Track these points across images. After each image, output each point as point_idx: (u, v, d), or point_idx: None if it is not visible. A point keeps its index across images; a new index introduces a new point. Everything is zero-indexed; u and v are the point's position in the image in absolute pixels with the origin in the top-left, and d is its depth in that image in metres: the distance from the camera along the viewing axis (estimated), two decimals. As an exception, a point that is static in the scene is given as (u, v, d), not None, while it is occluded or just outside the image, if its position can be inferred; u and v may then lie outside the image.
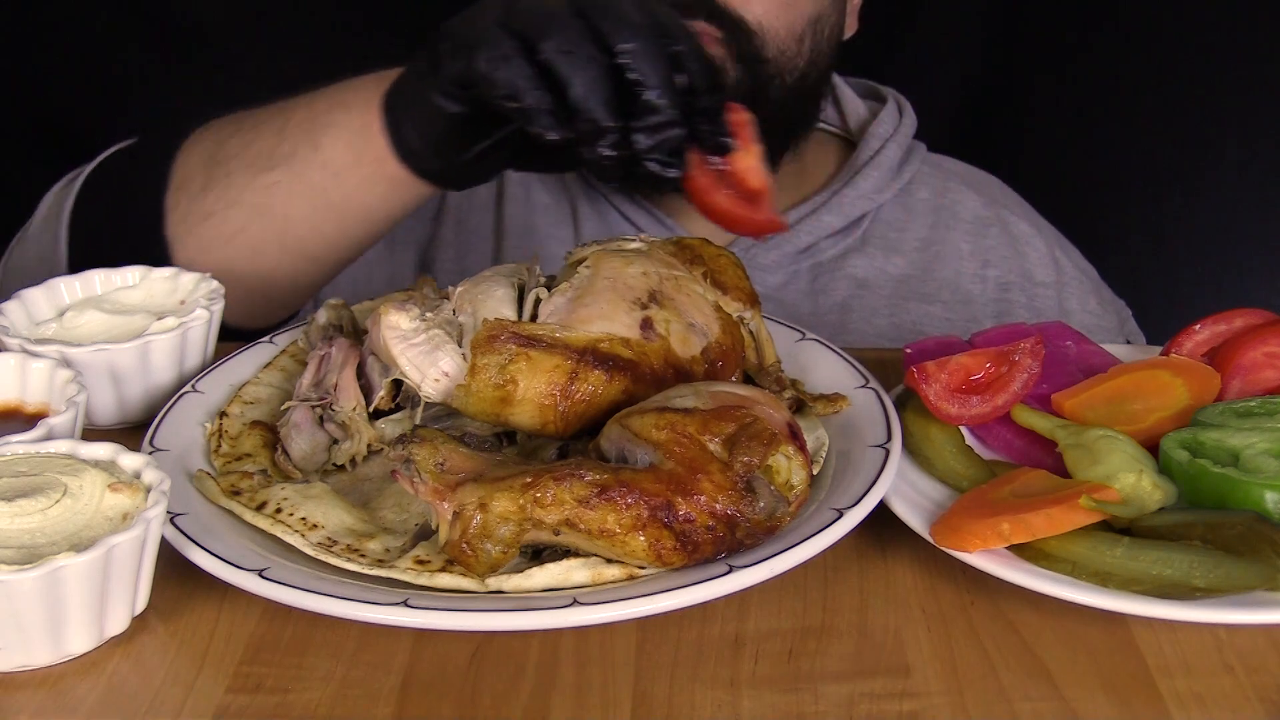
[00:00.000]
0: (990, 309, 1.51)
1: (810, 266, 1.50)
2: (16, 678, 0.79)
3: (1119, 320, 1.59)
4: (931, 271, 1.52)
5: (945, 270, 1.52)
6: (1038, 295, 1.52)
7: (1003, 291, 1.52)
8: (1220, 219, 1.99)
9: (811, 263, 1.50)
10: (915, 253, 1.53)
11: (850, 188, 1.51)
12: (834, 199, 1.50)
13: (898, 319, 1.49)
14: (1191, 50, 1.94)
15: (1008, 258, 1.54)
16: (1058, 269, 1.55)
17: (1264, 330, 1.02)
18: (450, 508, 0.82)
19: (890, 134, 1.54)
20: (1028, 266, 1.54)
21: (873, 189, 1.51)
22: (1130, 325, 1.61)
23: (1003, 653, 0.81)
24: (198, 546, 0.84)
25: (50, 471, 0.84)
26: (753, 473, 0.83)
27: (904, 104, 1.59)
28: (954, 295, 1.51)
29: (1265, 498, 0.85)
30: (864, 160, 1.53)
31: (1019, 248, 1.55)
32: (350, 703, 0.77)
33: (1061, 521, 0.84)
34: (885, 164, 1.52)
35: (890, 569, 0.89)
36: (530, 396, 0.92)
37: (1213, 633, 0.82)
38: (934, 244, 1.54)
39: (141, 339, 1.04)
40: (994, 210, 1.58)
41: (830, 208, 1.50)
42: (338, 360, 1.01)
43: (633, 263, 0.99)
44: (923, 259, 1.53)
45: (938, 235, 1.55)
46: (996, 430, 1.00)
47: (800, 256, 1.49)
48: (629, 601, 0.79)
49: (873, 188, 1.51)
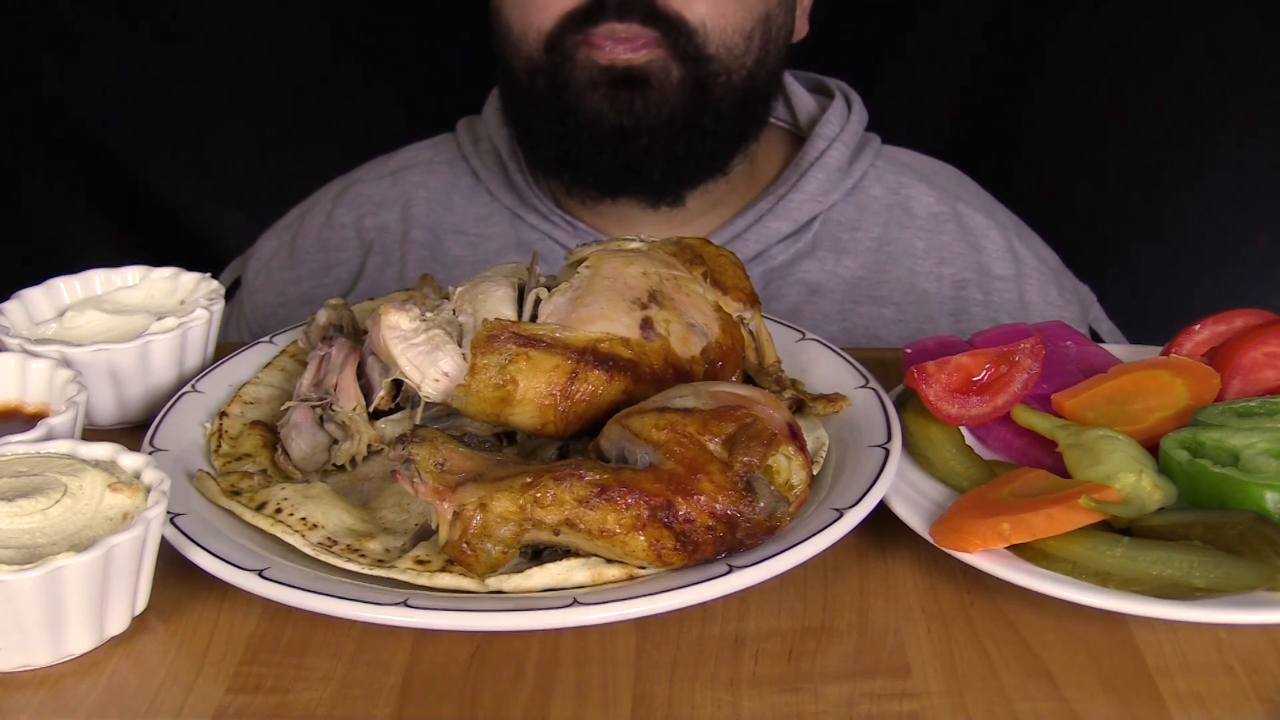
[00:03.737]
0: (946, 307, 1.49)
1: (762, 273, 1.48)
2: (16, 678, 0.79)
3: (1081, 309, 1.57)
4: (885, 272, 1.50)
5: (899, 270, 1.50)
6: (995, 289, 1.50)
7: (959, 289, 1.50)
8: (1220, 219, 1.99)
9: (763, 269, 1.48)
10: (868, 253, 1.51)
11: (796, 191, 1.49)
12: (781, 204, 1.48)
13: (849, 323, 1.47)
14: (1192, 50, 1.94)
15: (963, 254, 1.52)
16: (1016, 260, 1.53)
17: (1264, 330, 1.01)
18: (450, 508, 0.82)
19: (836, 133, 1.52)
20: (985, 261, 1.52)
21: (820, 190, 1.49)
22: (1095, 311, 1.59)
23: (1003, 653, 0.81)
24: (198, 546, 0.84)
25: (50, 471, 0.84)
26: (753, 473, 0.83)
27: (853, 98, 1.57)
28: (908, 296, 1.49)
29: (1265, 498, 0.85)
30: (810, 161, 1.50)
31: (975, 242, 1.53)
32: (350, 703, 0.77)
33: (1061, 521, 0.84)
34: (832, 164, 1.50)
35: (890, 569, 0.89)
36: (530, 396, 0.92)
37: (1213, 633, 0.82)
38: (888, 244, 1.51)
39: (141, 339, 1.04)
40: (949, 204, 1.55)
41: (777, 213, 1.48)
42: (338, 360, 1.01)
43: (633, 262, 0.99)
44: (876, 259, 1.50)
45: (891, 234, 1.52)
46: (996, 430, 1.00)
47: (751, 264, 1.47)
48: (629, 601, 0.79)
49: (819, 189, 1.49)
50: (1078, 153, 2.03)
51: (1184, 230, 2.00)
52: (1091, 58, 1.99)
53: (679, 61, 1.38)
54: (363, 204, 1.59)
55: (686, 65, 1.38)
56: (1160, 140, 1.98)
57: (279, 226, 1.65)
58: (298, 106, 2.11)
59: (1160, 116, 1.97)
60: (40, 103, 2.10)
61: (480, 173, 1.56)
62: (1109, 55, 1.98)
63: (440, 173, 1.59)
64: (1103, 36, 1.98)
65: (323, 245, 1.59)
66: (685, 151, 1.42)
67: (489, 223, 1.54)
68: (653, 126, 1.39)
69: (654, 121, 1.39)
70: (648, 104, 1.38)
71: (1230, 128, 1.95)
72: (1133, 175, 2.01)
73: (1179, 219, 2.00)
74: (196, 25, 2.08)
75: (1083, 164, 2.03)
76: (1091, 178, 2.03)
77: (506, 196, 1.53)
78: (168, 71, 2.08)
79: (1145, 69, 1.96)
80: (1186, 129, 1.96)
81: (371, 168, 1.65)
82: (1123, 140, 1.99)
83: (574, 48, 1.38)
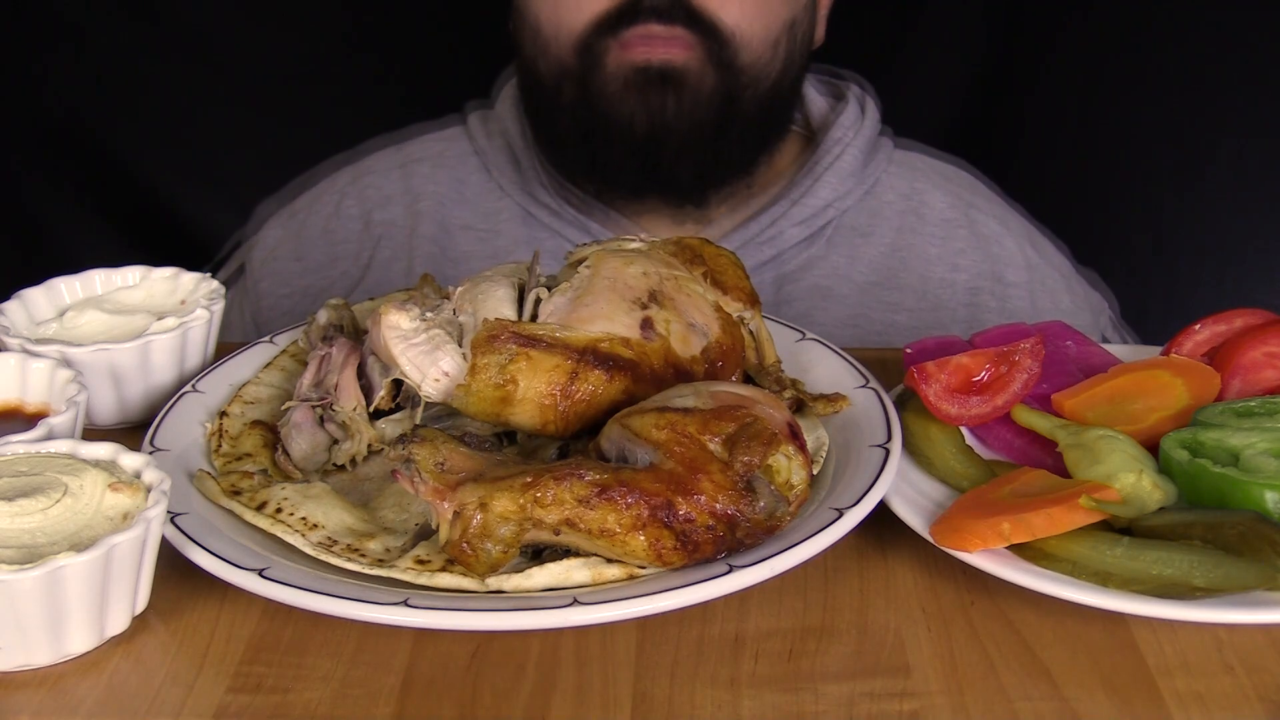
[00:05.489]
0: (961, 313, 1.48)
1: (775, 277, 1.48)
2: (16, 678, 0.79)
3: (1093, 316, 1.56)
4: (898, 277, 1.49)
5: (911, 276, 1.50)
6: (1009, 296, 1.50)
7: (973, 295, 1.49)
8: (1220, 219, 1.99)
9: (776, 273, 1.48)
10: (881, 258, 1.50)
11: (811, 195, 1.48)
12: (795, 208, 1.48)
13: (862, 328, 1.46)
14: (1192, 50, 1.94)
15: (977, 260, 1.51)
16: (1029, 267, 1.53)
17: (1264, 330, 1.01)
18: (450, 507, 0.82)
19: (850, 136, 1.52)
20: (998, 268, 1.51)
21: (833, 195, 1.49)
22: (1104, 319, 1.58)
23: (1003, 653, 0.81)
24: (198, 546, 0.84)
25: (50, 471, 0.84)
26: (753, 472, 0.83)
27: (866, 99, 1.56)
28: (921, 301, 1.49)
29: (1265, 498, 0.85)
30: (825, 165, 1.50)
31: (988, 249, 1.52)
32: (350, 703, 0.77)
33: (1061, 521, 0.84)
34: (845, 168, 1.50)
35: (890, 569, 0.89)
36: (530, 396, 0.92)
37: (1213, 633, 0.82)
38: (900, 249, 1.51)
39: (142, 339, 1.04)
40: (961, 210, 1.54)
41: (792, 217, 1.48)
42: (338, 360, 1.01)
43: (633, 262, 0.99)
44: (889, 264, 1.50)
45: (904, 240, 1.51)
46: (996, 430, 1.00)
47: (764, 267, 1.47)
48: (629, 601, 0.79)
49: (833, 194, 1.49)
50: (1077, 153, 2.03)
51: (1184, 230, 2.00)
52: (1091, 58, 1.99)
53: (714, 68, 1.38)
54: (372, 196, 1.59)
55: (720, 74, 1.38)
56: (1160, 139, 1.98)
57: (282, 214, 1.64)
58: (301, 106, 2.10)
59: (1160, 116, 1.97)
60: (41, 103, 2.10)
61: (492, 169, 1.55)
62: (1109, 56, 1.98)
63: (451, 167, 1.58)
64: (1103, 37, 1.98)
65: (330, 238, 1.58)
66: (713, 157, 1.43)
67: (499, 218, 1.53)
68: (684, 130, 1.39)
69: (685, 125, 1.39)
70: (681, 105, 1.38)
71: (1231, 127, 1.95)
72: (1133, 174, 2.01)
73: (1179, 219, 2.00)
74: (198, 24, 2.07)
75: (1082, 164, 2.03)
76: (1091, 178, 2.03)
77: (518, 193, 1.53)
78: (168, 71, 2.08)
79: (1148, 68, 1.96)
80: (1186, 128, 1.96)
81: (381, 156, 1.63)
82: (1123, 140, 1.99)
83: (604, 50, 1.37)
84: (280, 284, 1.58)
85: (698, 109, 1.39)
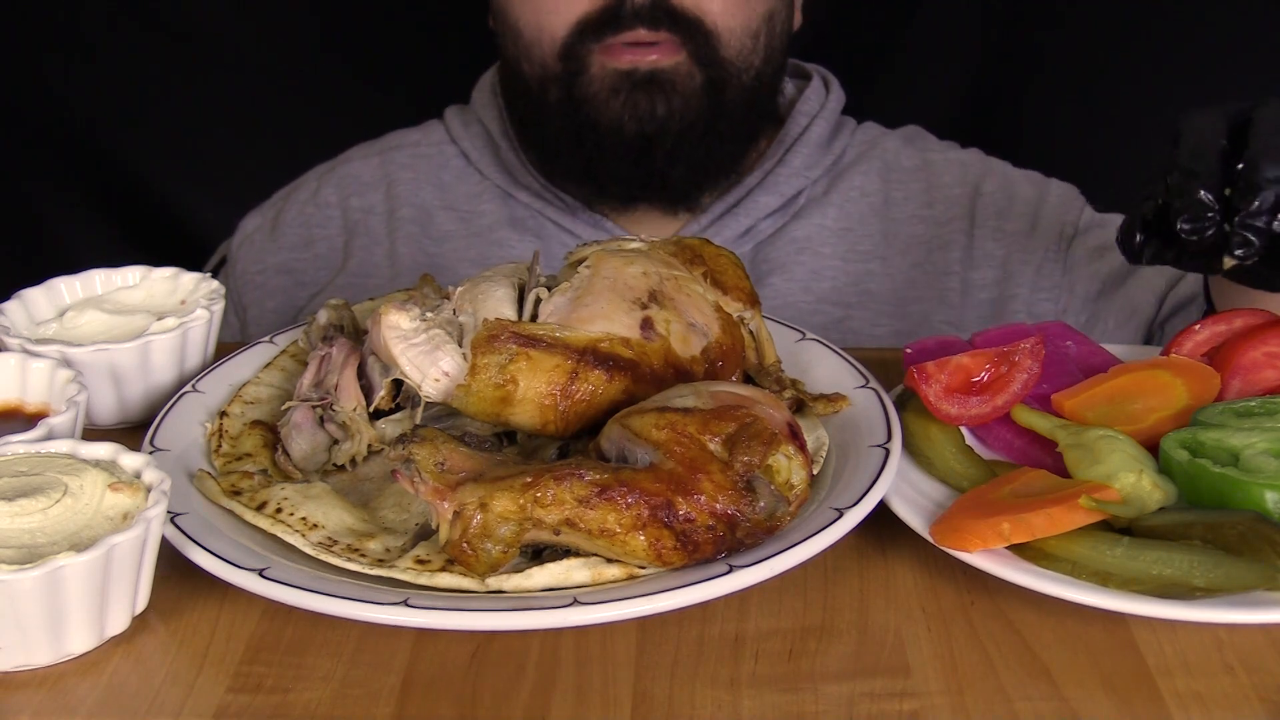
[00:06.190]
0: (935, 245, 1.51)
1: (752, 247, 1.51)
2: (16, 678, 0.79)
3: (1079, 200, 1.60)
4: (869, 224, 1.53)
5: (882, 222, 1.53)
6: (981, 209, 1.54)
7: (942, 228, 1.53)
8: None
9: (753, 244, 1.51)
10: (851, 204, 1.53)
11: (782, 165, 1.52)
12: (767, 179, 1.51)
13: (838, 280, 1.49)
14: (1192, 49, 1.94)
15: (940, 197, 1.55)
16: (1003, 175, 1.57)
17: (1264, 330, 1.02)
18: (450, 507, 0.82)
19: (817, 110, 1.55)
20: (967, 191, 1.55)
21: (804, 165, 1.52)
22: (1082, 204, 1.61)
23: (1003, 653, 0.81)
24: (198, 546, 0.84)
25: (50, 471, 0.84)
26: (753, 472, 0.83)
27: (830, 81, 1.60)
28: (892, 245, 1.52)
29: (1265, 498, 0.85)
30: (793, 137, 1.53)
31: (949, 175, 1.57)
32: (350, 703, 0.77)
33: (1061, 521, 0.84)
34: (814, 140, 1.53)
35: (890, 569, 0.89)
36: (530, 396, 0.92)
37: (1213, 633, 0.82)
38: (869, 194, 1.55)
39: (142, 339, 1.04)
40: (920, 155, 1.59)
41: (764, 187, 1.51)
42: (338, 360, 1.01)
43: (633, 262, 0.99)
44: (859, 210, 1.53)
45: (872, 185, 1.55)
46: (996, 430, 1.00)
47: (741, 239, 1.50)
48: (629, 601, 0.79)
49: (803, 164, 1.52)
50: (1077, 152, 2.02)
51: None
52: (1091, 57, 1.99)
53: (700, 67, 1.39)
54: (349, 184, 1.61)
55: (705, 71, 1.39)
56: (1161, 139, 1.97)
57: (263, 206, 1.67)
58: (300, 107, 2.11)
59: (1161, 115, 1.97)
60: (41, 103, 2.10)
61: (470, 154, 1.57)
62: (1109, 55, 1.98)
63: (429, 155, 1.60)
64: (1103, 36, 1.98)
65: (305, 221, 1.60)
66: (705, 156, 1.44)
67: (480, 199, 1.55)
68: (676, 132, 1.40)
69: (677, 126, 1.40)
70: (670, 108, 1.39)
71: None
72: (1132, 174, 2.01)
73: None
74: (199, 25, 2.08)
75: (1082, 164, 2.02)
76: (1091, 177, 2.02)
77: (498, 176, 1.55)
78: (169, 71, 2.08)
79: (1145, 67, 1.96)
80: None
81: (358, 150, 1.66)
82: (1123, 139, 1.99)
83: (588, 55, 1.37)
84: (253, 263, 1.59)
85: (688, 110, 1.40)
